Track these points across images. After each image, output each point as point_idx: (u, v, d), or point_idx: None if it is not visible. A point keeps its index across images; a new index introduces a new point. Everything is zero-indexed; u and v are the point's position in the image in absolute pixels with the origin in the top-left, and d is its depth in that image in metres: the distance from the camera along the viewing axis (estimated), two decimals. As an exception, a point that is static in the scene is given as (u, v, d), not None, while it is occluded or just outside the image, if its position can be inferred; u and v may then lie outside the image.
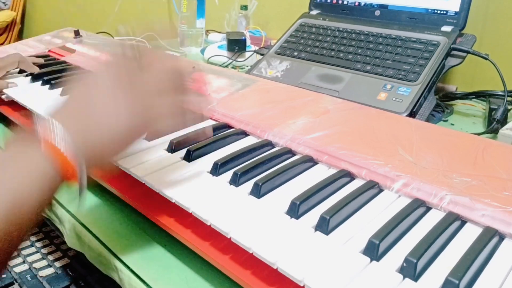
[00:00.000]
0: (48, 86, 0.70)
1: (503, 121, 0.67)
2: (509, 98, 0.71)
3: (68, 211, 0.49)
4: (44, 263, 0.59)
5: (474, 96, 0.83)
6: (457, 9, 0.75)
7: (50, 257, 0.61)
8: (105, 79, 0.38)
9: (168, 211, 0.42)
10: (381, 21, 0.82)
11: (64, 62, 0.83)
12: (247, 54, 1.02)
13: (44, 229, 0.65)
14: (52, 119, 0.35)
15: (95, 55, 0.84)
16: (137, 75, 0.38)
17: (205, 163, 0.45)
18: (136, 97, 0.37)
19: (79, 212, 0.40)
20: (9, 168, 0.33)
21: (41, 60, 0.82)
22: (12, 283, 0.56)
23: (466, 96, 0.84)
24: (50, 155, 0.33)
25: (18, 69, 0.77)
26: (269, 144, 0.49)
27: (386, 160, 0.43)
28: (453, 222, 0.35)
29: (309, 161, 0.45)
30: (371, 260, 0.32)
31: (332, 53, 0.78)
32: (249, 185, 0.41)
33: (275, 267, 0.32)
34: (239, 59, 1.01)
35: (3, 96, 0.69)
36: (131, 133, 0.36)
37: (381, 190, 0.41)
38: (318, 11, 0.91)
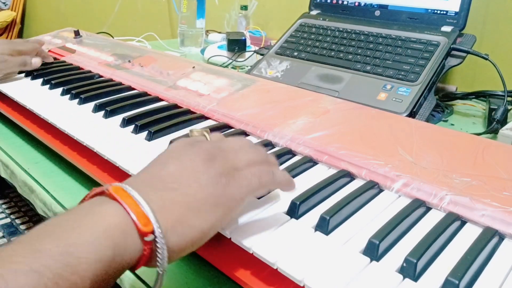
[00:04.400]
0: (48, 86, 0.70)
1: (503, 121, 0.67)
2: (509, 98, 0.71)
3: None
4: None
5: (474, 96, 0.83)
6: (457, 9, 0.75)
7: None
8: (180, 149, 0.34)
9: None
10: (381, 21, 0.82)
11: (64, 62, 0.83)
12: (247, 54, 1.02)
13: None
14: (125, 185, 0.29)
15: (95, 55, 0.84)
16: (210, 142, 0.35)
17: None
18: (216, 166, 0.32)
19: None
20: (70, 217, 0.27)
21: (51, 59, 0.83)
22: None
23: (466, 96, 0.84)
24: (122, 204, 0.28)
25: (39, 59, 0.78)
26: (269, 144, 0.49)
27: (386, 160, 0.43)
28: (453, 222, 0.35)
29: (309, 161, 0.45)
30: (371, 260, 0.32)
31: (332, 53, 0.78)
32: (249, 185, 0.41)
33: (275, 267, 0.32)
34: (239, 59, 1.01)
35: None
36: (216, 202, 0.31)
37: (381, 190, 0.41)
38: (318, 11, 0.91)
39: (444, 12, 0.76)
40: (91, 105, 0.61)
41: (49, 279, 0.23)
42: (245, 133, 0.53)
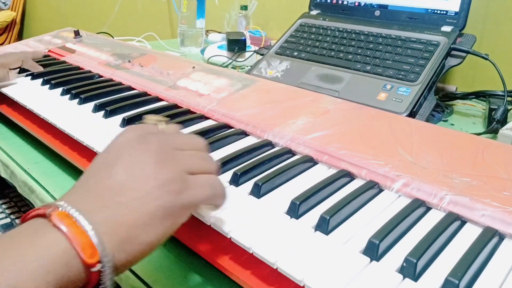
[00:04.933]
0: (48, 86, 0.70)
1: (503, 121, 0.67)
2: (509, 98, 0.71)
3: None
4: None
5: (474, 96, 0.83)
6: (457, 9, 0.75)
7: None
8: (129, 148, 0.31)
9: (168, 211, 0.42)
10: (381, 21, 0.82)
11: (64, 62, 0.83)
12: (247, 54, 1.02)
13: None
14: (65, 204, 0.28)
15: (95, 55, 0.84)
16: (161, 136, 0.33)
17: (205, 163, 0.45)
18: (169, 170, 0.30)
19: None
20: (13, 246, 0.26)
21: (41, 54, 0.82)
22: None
23: (466, 96, 0.84)
24: (66, 234, 0.26)
25: (19, 69, 0.77)
26: (269, 144, 0.49)
27: (386, 160, 0.43)
28: (453, 222, 0.35)
29: (309, 161, 0.45)
30: (371, 260, 0.32)
31: (332, 53, 0.78)
32: (249, 185, 0.41)
33: (275, 267, 0.32)
34: (239, 59, 1.01)
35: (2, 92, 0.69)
36: (166, 214, 0.30)
37: (381, 190, 0.41)
38: (318, 11, 0.91)
39: (444, 12, 0.76)
40: (91, 105, 0.61)
41: None
42: (245, 133, 0.53)
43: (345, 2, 0.88)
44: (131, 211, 0.28)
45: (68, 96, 0.65)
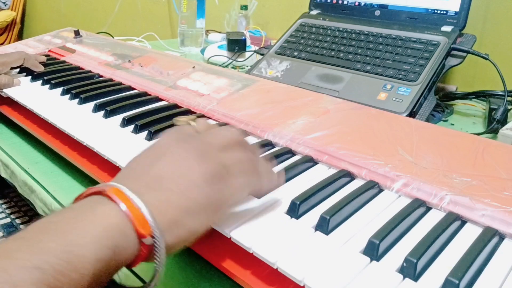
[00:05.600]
0: (48, 86, 0.70)
1: (503, 121, 0.67)
2: (509, 98, 0.71)
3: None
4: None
5: (474, 96, 0.83)
6: (457, 9, 0.75)
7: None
8: (171, 146, 0.33)
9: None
10: (381, 21, 0.82)
11: (64, 62, 0.83)
12: (247, 54, 1.02)
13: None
14: (123, 186, 0.29)
15: (95, 55, 0.84)
16: (199, 137, 0.35)
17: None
18: (209, 165, 0.32)
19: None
20: (70, 215, 0.28)
21: (45, 58, 0.82)
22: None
23: (466, 96, 0.84)
24: (120, 206, 0.28)
25: (19, 69, 0.77)
26: (269, 144, 0.49)
27: (386, 160, 0.43)
28: (453, 222, 0.35)
29: (309, 161, 0.45)
30: (371, 260, 0.32)
31: (332, 53, 0.78)
32: (249, 185, 0.41)
33: (275, 267, 0.32)
34: (239, 59, 1.01)
35: (1, 93, 0.69)
36: (209, 203, 0.32)
37: (381, 190, 0.41)
38: (318, 11, 0.91)
39: (444, 12, 0.76)
40: (91, 105, 0.61)
41: (51, 275, 0.24)
42: (245, 133, 0.53)
43: (345, 2, 0.88)
44: (178, 196, 0.30)
45: (68, 96, 0.65)
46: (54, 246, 0.25)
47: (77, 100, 0.64)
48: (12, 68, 0.75)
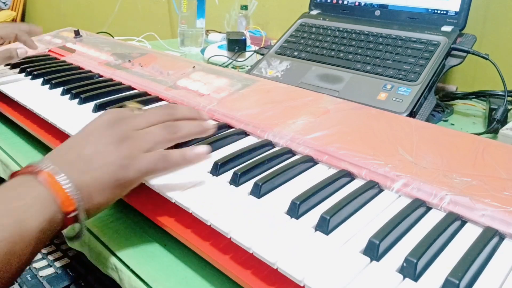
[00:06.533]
0: (48, 86, 0.70)
1: (503, 121, 0.67)
2: (509, 98, 0.71)
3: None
4: (44, 263, 0.59)
5: (474, 96, 0.83)
6: (457, 9, 0.75)
7: (50, 257, 0.61)
8: (100, 128, 0.41)
9: (168, 211, 0.42)
10: (381, 21, 0.82)
11: (64, 62, 0.83)
12: (247, 54, 1.02)
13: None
14: (49, 162, 0.37)
15: (95, 55, 0.84)
16: (128, 121, 0.41)
17: (205, 163, 0.45)
18: (124, 149, 0.39)
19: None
20: (11, 197, 0.34)
21: (38, 32, 0.80)
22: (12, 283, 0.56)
23: (466, 96, 0.84)
24: (52, 189, 0.35)
25: (10, 65, 0.76)
26: (269, 144, 0.49)
27: (386, 160, 0.43)
28: (453, 222, 0.35)
29: (309, 161, 0.45)
30: (371, 260, 0.32)
31: (332, 53, 0.78)
32: (249, 185, 0.41)
33: (275, 267, 0.32)
34: (239, 59, 1.01)
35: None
36: (116, 184, 0.38)
37: (381, 190, 0.41)
38: (318, 11, 0.91)
39: (444, 12, 0.76)
40: (91, 105, 0.61)
41: (6, 245, 0.31)
42: (245, 133, 0.53)
43: (345, 2, 0.88)
44: (91, 177, 0.38)
45: (68, 96, 0.65)
46: (7, 222, 0.32)
47: (77, 100, 0.64)
48: (7, 65, 0.74)
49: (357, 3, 0.86)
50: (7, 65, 0.74)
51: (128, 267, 0.40)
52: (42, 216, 0.34)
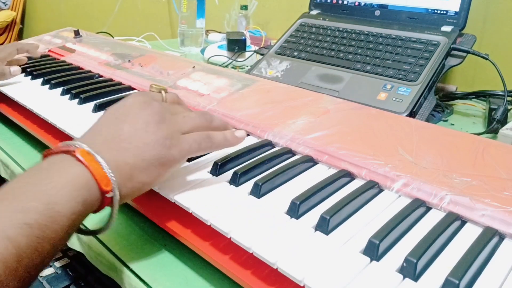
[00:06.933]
0: (48, 86, 0.70)
1: (503, 121, 0.67)
2: (509, 98, 0.71)
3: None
4: (44, 263, 0.59)
5: (474, 96, 0.83)
6: (457, 9, 0.75)
7: (50, 257, 0.60)
8: (136, 107, 0.39)
9: (168, 211, 0.42)
10: (381, 21, 0.82)
11: (64, 62, 0.83)
12: (247, 54, 1.02)
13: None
14: (84, 144, 0.35)
15: (95, 55, 0.84)
16: (162, 103, 0.41)
17: (205, 163, 0.45)
18: (164, 129, 0.38)
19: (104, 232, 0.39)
20: (43, 178, 0.33)
21: (37, 44, 0.81)
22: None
23: (466, 96, 0.84)
24: (89, 168, 0.34)
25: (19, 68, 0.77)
26: (269, 144, 0.49)
27: (386, 160, 0.43)
28: (453, 222, 0.35)
29: (309, 161, 0.45)
30: (371, 260, 0.32)
31: (332, 53, 0.78)
32: (249, 185, 0.41)
33: (275, 267, 0.32)
34: (239, 59, 1.01)
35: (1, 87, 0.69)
36: (160, 162, 0.37)
37: (381, 190, 0.41)
38: (318, 11, 0.91)
39: (444, 12, 0.76)
40: (91, 105, 0.61)
41: (37, 228, 0.30)
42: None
43: (345, 2, 0.88)
44: (132, 155, 0.36)
45: (68, 96, 0.65)
46: (36, 205, 0.31)
47: (77, 100, 0.64)
48: (8, 63, 0.74)
49: (357, 3, 0.86)
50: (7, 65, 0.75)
51: (128, 267, 0.40)
52: (75, 198, 0.32)
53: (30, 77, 0.75)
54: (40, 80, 0.72)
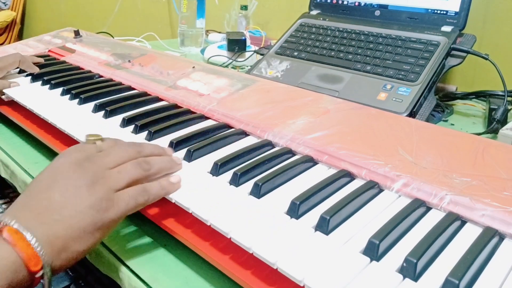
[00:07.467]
0: (48, 86, 0.70)
1: (503, 121, 0.67)
2: (509, 98, 0.71)
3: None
4: (44, 263, 0.59)
5: (474, 96, 0.83)
6: (457, 9, 0.75)
7: (50, 257, 0.61)
8: (67, 171, 0.37)
9: (168, 211, 0.42)
10: (381, 21, 0.82)
11: (64, 62, 0.83)
12: (247, 54, 1.02)
13: None
14: (12, 220, 0.33)
15: (95, 55, 0.84)
16: (95, 159, 0.39)
17: (205, 163, 0.45)
18: (98, 192, 0.36)
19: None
20: None
21: (42, 60, 0.82)
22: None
23: (466, 96, 0.84)
24: (16, 247, 0.32)
25: (18, 69, 0.77)
26: (269, 144, 0.49)
27: (386, 160, 0.43)
28: (453, 222, 0.35)
29: (309, 161, 0.45)
30: (371, 260, 0.32)
31: (332, 53, 0.78)
32: (249, 185, 0.41)
33: (275, 267, 0.32)
34: (239, 59, 1.01)
35: (3, 97, 0.69)
36: (95, 228, 0.36)
37: (381, 190, 0.41)
38: (318, 11, 0.91)
39: (444, 12, 0.76)
40: (91, 105, 0.61)
41: None
42: (245, 133, 0.53)
43: (345, 2, 0.88)
44: (65, 227, 0.34)
45: (68, 96, 0.65)
46: None
47: (77, 100, 0.64)
48: (8, 73, 0.75)
49: (357, 3, 0.86)
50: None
51: (128, 267, 0.40)
52: (4, 279, 0.30)
53: (30, 77, 0.75)
54: (40, 80, 0.72)
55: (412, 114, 0.64)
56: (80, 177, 0.37)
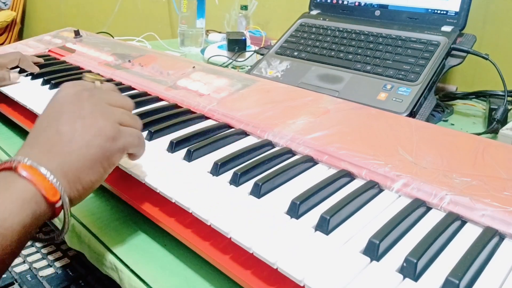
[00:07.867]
0: (48, 86, 0.70)
1: (503, 121, 0.67)
2: (509, 98, 0.71)
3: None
4: (44, 263, 0.59)
5: (474, 96, 0.83)
6: (457, 9, 0.75)
7: (50, 257, 0.61)
8: (69, 103, 0.38)
9: (168, 211, 0.42)
10: (381, 21, 0.82)
11: (64, 62, 0.83)
12: (247, 54, 1.02)
13: (44, 229, 0.65)
14: (25, 158, 0.34)
15: (95, 55, 0.84)
16: (97, 94, 0.40)
17: (205, 163, 0.45)
18: (105, 121, 0.38)
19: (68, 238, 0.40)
20: None
21: (41, 60, 0.82)
22: (12, 283, 0.56)
23: (466, 96, 0.84)
24: (33, 181, 0.33)
25: (19, 69, 0.77)
26: (269, 144, 0.49)
27: (386, 160, 0.43)
28: (453, 222, 0.35)
29: (309, 161, 0.45)
30: (371, 260, 0.32)
31: (332, 53, 0.78)
32: (249, 185, 0.41)
33: (275, 267, 0.32)
34: (239, 59, 1.01)
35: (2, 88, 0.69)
36: (105, 157, 0.37)
37: (381, 190, 0.41)
38: (318, 11, 0.91)
39: (444, 12, 0.76)
40: (91, 105, 0.61)
41: None
42: (245, 133, 0.53)
43: (345, 2, 0.88)
44: (76, 158, 0.36)
45: (68, 96, 0.65)
46: None
47: (77, 100, 0.64)
48: (7, 69, 0.75)
49: (357, 3, 0.86)
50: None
51: (128, 267, 0.40)
52: (23, 212, 0.32)
53: (30, 77, 0.75)
54: (40, 80, 0.72)
55: (412, 114, 0.64)
56: (84, 108, 0.38)
